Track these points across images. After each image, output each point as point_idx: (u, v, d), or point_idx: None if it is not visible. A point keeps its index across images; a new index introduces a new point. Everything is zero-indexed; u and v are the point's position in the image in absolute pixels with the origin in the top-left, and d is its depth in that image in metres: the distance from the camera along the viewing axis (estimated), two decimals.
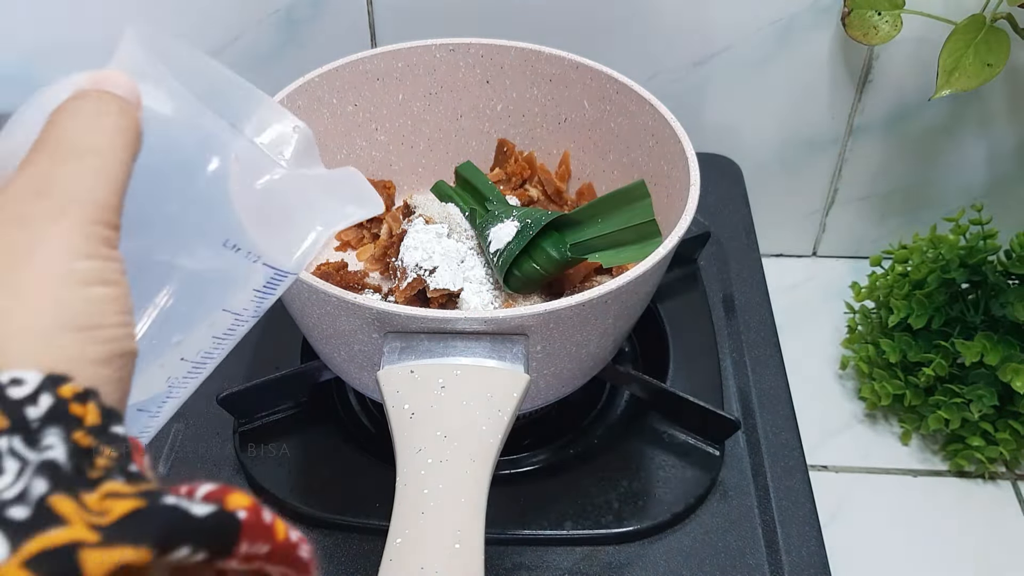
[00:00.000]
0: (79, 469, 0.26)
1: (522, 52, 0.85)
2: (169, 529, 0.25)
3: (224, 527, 0.26)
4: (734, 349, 0.88)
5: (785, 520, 0.74)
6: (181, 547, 0.25)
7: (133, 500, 0.25)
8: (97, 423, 0.28)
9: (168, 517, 0.25)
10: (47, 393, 0.27)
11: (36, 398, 0.27)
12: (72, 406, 0.27)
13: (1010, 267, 0.87)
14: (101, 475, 0.26)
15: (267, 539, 0.28)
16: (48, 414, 0.26)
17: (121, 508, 0.24)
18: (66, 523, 0.23)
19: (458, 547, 0.50)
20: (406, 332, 0.60)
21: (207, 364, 0.47)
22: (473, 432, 0.55)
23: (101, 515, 0.24)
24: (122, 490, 0.25)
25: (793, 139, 1.05)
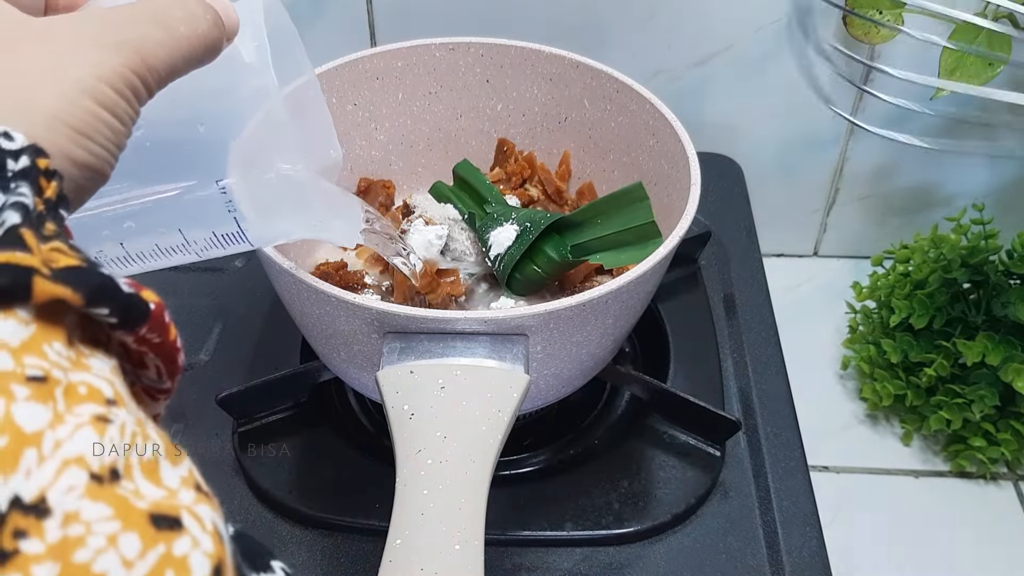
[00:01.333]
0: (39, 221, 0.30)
1: (522, 51, 0.85)
2: (100, 288, 0.29)
3: (137, 307, 0.31)
4: (735, 349, 0.88)
5: (786, 521, 0.74)
6: (104, 306, 0.29)
7: (76, 258, 0.29)
8: (53, 199, 0.32)
9: (102, 280, 0.29)
10: (27, 156, 0.31)
11: (18, 155, 0.31)
12: (41, 178, 0.32)
13: (1012, 267, 0.87)
14: (51, 235, 0.30)
15: (161, 333, 0.33)
16: (23, 171, 0.31)
17: (65, 261, 0.28)
18: (30, 251, 0.28)
19: (458, 548, 0.50)
20: (406, 332, 0.60)
21: (133, 263, 0.51)
22: (473, 432, 0.55)
23: (51, 262, 0.28)
24: (66, 250, 0.29)
25: (794, 138, 1.05)
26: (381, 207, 0.86)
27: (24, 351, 0.27)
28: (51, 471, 0.25)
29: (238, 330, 0.88)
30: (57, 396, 0.26)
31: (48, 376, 0.27)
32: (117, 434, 0.27)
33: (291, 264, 0.62)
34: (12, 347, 0.26)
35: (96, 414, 0.27)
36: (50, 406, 0.26)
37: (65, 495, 0.25)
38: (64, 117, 0.34)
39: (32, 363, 0.26)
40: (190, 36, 0.41)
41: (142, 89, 0.38)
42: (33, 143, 0.32)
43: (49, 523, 0.24)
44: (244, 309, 0.90)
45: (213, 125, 0.48)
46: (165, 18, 0.40)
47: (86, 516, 0.25)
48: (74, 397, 0.27)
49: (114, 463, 0.27)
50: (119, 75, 0.37)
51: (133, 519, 0.26)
